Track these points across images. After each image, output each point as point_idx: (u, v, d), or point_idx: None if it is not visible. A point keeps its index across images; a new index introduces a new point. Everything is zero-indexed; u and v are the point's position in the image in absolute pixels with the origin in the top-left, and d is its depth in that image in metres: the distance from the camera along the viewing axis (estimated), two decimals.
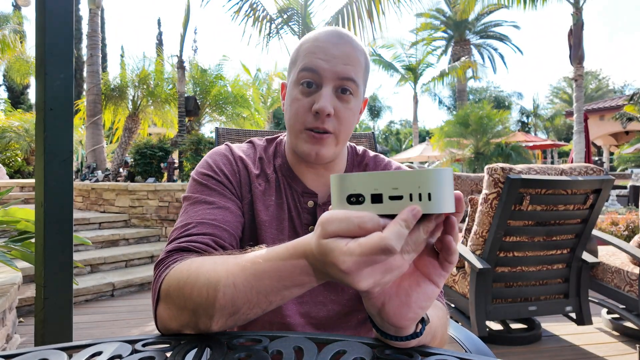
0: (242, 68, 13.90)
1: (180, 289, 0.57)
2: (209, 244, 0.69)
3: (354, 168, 0.89)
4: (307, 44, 0.77)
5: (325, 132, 0.76)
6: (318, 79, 0.75)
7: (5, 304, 2.02)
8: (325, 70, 0.74)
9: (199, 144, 6.23)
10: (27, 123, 11.21)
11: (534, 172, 2.15)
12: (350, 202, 0.44)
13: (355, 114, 0.79)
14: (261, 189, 0.83)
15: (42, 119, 1.28)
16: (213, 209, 0.74)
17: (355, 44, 0.77)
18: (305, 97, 0.76)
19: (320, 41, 0.75)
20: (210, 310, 0.54)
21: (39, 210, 1.28)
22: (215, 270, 0.55)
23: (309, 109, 0.75)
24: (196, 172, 0.81)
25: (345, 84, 0.75)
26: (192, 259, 0.62)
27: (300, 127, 0.77)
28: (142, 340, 0.56)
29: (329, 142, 0.77)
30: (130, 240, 4.78)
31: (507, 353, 2.37)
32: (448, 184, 0.41)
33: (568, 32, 8.53)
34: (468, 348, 0.82)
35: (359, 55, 0.77)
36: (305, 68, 0.75)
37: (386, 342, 0.54)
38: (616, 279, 2.41)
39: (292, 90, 0.78)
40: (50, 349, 0.53)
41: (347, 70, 0.74)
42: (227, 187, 0.79)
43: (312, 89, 0.75)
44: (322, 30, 0.78)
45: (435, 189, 0.40)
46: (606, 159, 17.43)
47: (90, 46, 8.07)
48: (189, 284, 0.56)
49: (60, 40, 1.30)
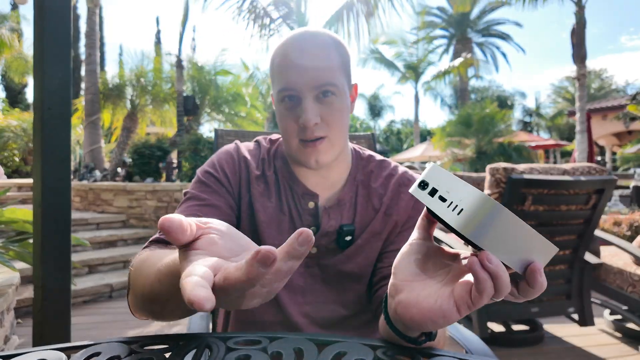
0: (242, 65, 13.91)
1: (134, 276, 0.63)
2: None
3: (358, 172, 0.88)
4: (278, 58, 0.79)
5: (317, 138, 0.77)
6: (296, 93, 0.76)
7: (3, 305, 2.01)
8: (301, 84, 0.75)
9: (198, 144, 6.22)
10: (25, 122, 11.17)
11: (536, 172, 2.14)
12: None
13: (343, 112, 0.80)
14: (260, 190, 0.84)
15: (40, 118, 1.27)
16: (202, 207, 0.78)
17: (324, 42, 0.78)
18: (290, 112, 0.78)
19: (289, 55, 0.77)
20: (137, 295, 0.59)
21: (37, 210, 1.28)
22: (151, 260, 0.58)
23: (296, 122, 0.77)
24: (201, 169, 0.85)
25: (323, 88, 0.76)
26: (152, 249, 0.66)
27: (294, 140, 0.79)
28: (140, 341, 0.55)
29: (324, 147, 0.78)
30: (128, 241, 4.76)
31: (509, 354, 2.36)
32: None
33: (570, 31, 8.53)
34: (469, 349, 0.83)
35: (331, 53, 0.77)
36: (282, 88, 0.77)
37: (394, 339, 0.54)
38: (619, 280, 2.40)
39: (277, 107, 0.81)
40: (48, 349, 0.52)
41: (321, 76, 0.75)
42: (224, 184, 0.82)
43: (295, 102, 0.77)
44: (289, 40, 0.79)
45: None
46: (609, 158, 17.47)
47: (89, 45, 8.06)
48: (135, 270, 0.62)
49: (58, 39, 1.30)
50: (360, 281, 0.84)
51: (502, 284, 0.41)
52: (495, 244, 0.41)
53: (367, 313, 0.86)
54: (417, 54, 18.22)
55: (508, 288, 0.42)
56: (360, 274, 0.84)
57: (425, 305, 0.46)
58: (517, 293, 0.44)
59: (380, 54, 18.22)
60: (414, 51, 18.28)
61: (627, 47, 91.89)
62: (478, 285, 0.42)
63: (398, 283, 0.49)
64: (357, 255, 0.83)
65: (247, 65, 14.20)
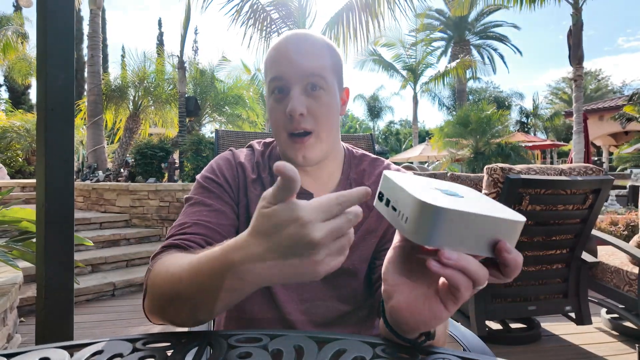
0: (243, 67, 13.91)
1: (154, 280, 0.63)
2: (200, 243, 0.72)
3: (351, 171, 0.90)
4: (270, 54, 0.81)
5: (305, 133, 0.78)
6: (286, 84, 0.77)
7: (6, 303, 2.03)
8: (290, 74, 0.77)
9: (200, 144, 6.23)
10: (28, 123, 11.20)
11: (533, 172, 2.16)
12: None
13: (331, 109, 0.80)
14: (256, 193, 0.85)
15: (43, 119, 1.28)
16: (209, 212, 0.78)
17: (316, 41, 0.80)
18: (279, 104, 0.79)
19: (281, 49, 0.79)
20: (164, 299, 0.59)
21: (40, 210, 1.28)
22: (177, 264, 0.58)
23: (284, 114, 0.78)
24: (201, 175, 0.86)
25: (311, 80, 0.77)
26: (174, 254, 0.66)
27: (283, 133, 0.80)
28: (143, 339, 0.56)
29: (311, 144, 0.79)
30: (131, 240, 4.79)
31: (507, 352, 2.37)
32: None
33: (567, 33, 8.51)
34: (468, 347, 0.82)
35: (322, 50, 0.79)
36: (272, 78, 0.78)
37: (396, 341, 0.54)
38: (615, 279, 2.41)
39: (268, 101, 0.82)
40: (51, 347, 0.53)
41: (311, 67, 0.77)
42: (226, 190, 0.83)
43: (284, 94, 0.78)
44: (282, 37, 0.81)
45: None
46: (605, 159, 17.42)
47: (91, 47, 8.08)
48: (159, 275, 0.62)
49: (61, 41, 1.30)
50: (355, 277, 0.85)
51: (473, 274, 0.42)
52: (450, 242, 0.40)
53: (364, 309, 0.87)
54: (415, 56, 18.16)
55: (483, 275, 0.42)
56: (355, 271, 0.85)
57: (415, 307, 0.48)
58: (500, 275, 0.44)
59: (379, 55, 18.18)
60: (412, 53, 18.22)
61: (624, 49, 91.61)
62: (450, 282, 0.42)
63: (388, 289, 0.50)
64: (351, 252, 0.84)
65: (248, 68, 14.20)
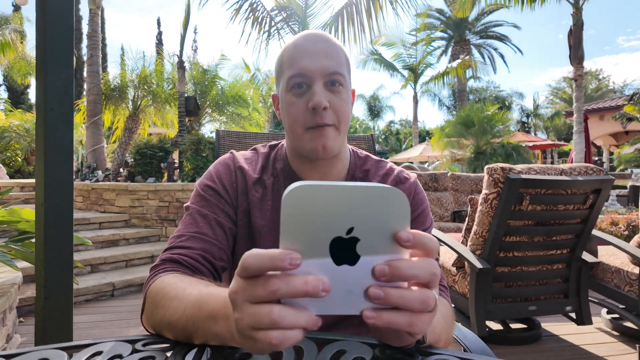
0: (244, 66, 13.90)
1: (154, 298, 0.64)
2: (197, 259, 0.75)
3: (356, 170, 0.90)
4: (288, 52, 0.82)
5: (325, 125, 0.79)
6: (307, 79, 0.78)
7: (5, 303, 2.03)
8: (312, 70, 0.78)
9: (199, 144, 6.23)
10: (28, 123, 11.21)
11: (533, 172, 2.15)
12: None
13: (348, 104, 0.82)
14: (258, 196, 0.85)
15: (42, 119, 1.28)
16: (206, 223, 0.80)
17: (332, 41, 0.82)
18: (299, 99, 0.79)
19: (300, 45, 0.80)
20: (164, 323, 0.59)
21: (40, 210, 1.28)
22: (181, 289, 0.60)
23: (305, 109, 0.78)
24: (199, 182, 0.86)
25: (333, 77, 0.79)
26: (175, 275, 0.67)
27: (301, 128, 0.80)
28: (142, 340, 0.56)
29: (331, 134, 0.80)
30: (130, 240, 4.78)
31: (507, 353, 2.37)
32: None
33: (568, 32, 8.52)
34: (468, 347, 0.83)
35: (338, 50, 0.82)
36: (293, 74, 0.79)
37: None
38: (616, 279, 2.41)
39: (285, 97, 0.82)
40: (50, 348, 0.53)
41: (332, 64, 0.79)
42: (223, 197, 0.84)
43: (304, 89, 0.79)
44: (299, 36, 0.83)
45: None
46: (606, 159, 17.44)
47: (91, 46, 8.08)
48: (159, 295, 0.63)
49: (60, 40, 1.30)
50: None
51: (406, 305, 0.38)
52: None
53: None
54: (416, 56, 18.17)
55: (413, 298, 0.38)
56: None
57: (387, 337, 0.47)
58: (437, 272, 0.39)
59: (380, 55, 18.19)
60: (412, 52, 18.23)
61: (624, 48, 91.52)
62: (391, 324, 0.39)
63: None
64: None
65: (248, 66, 14.19)
